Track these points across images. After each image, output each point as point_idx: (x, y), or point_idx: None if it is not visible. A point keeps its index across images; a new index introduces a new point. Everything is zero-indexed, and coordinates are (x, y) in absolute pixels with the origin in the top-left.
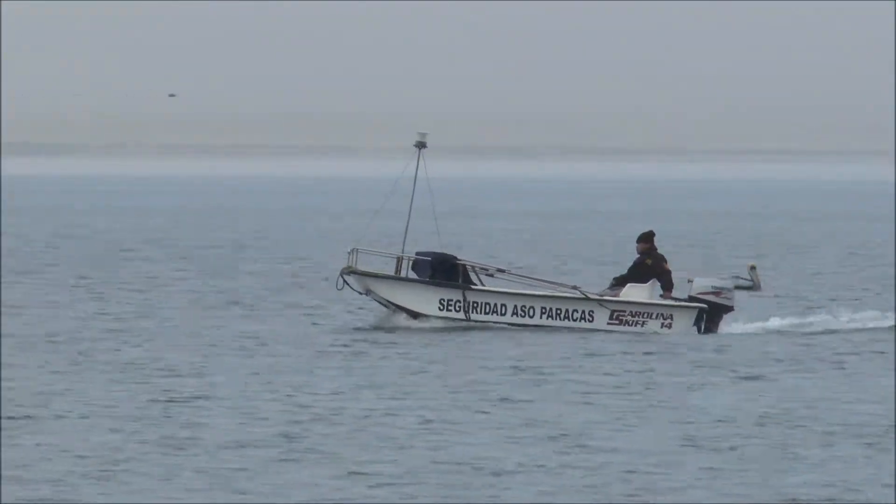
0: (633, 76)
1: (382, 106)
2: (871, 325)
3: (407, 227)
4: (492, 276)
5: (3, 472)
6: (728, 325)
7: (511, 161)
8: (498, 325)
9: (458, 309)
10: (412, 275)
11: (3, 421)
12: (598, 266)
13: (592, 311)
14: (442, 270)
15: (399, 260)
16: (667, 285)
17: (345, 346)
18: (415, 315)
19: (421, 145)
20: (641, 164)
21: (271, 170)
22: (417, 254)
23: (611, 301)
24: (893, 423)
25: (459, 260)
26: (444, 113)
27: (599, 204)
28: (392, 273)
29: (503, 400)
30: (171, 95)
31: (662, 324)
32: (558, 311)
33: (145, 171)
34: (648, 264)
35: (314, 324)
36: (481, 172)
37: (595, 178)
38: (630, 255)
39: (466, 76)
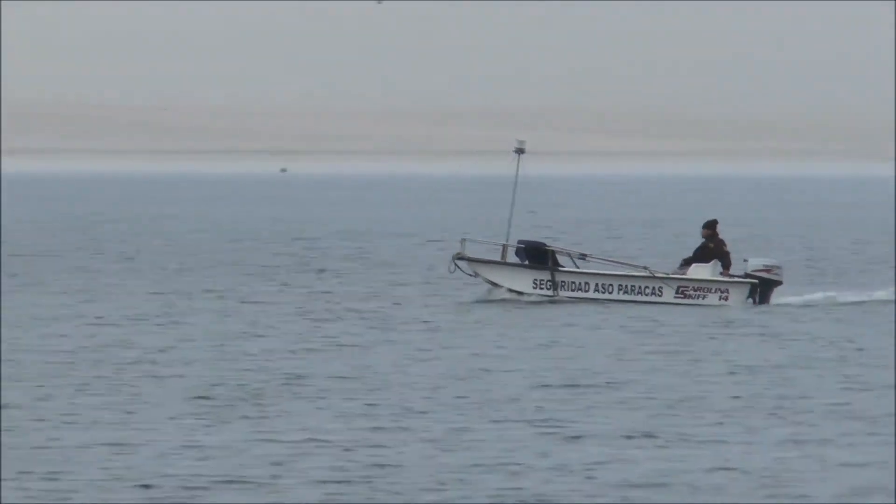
0: None
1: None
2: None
3: (510, 219)
4: (583, 258)
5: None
6: (778, 298)
7: None
8: (581, 300)
9: (547, 287)
10: (515, 259)
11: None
12: None
13: (661, 287)
14: (535, 256)
15: (504, 247)
16: (726, 264)
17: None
18: (513, 292)
19: (520, 151)
20: None
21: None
22: (518, 242)
23: (675, 278)
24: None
25: (549, 247)
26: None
27: None
28: (498, 258)
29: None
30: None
31: (720, 297)
32: (632, 288)
33: None
34: (711, 247)
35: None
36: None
37: None
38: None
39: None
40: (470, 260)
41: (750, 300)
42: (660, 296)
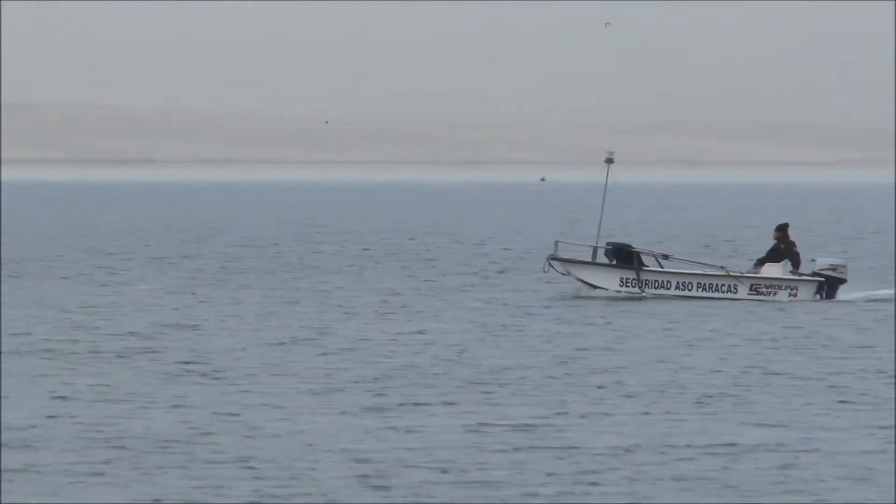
0: None
1: None
2: None
3: (600, 224)
4: (667, 258)
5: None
6: (843, 294)
7: None
8: (664, 297)
9: (633, 285)
10: (604, 260)
11: None
12: None
13: (736, 285)
14: (621, 256)
15: (594, 249)
16: (796, 264)
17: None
18: (602, 289)
19: (609, 161)
20: None
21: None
22: (607, 244)
23: (749, 277)
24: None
25: (634, 248)
26: None
27: None
28: (588, 259)
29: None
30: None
31: (790, 294)
32: (710, 285)
33: None
34: (782, 248)
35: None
36: None
37: None
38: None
39: None
40: (562, 260)
41: (817, 296)
42: (735, 293)
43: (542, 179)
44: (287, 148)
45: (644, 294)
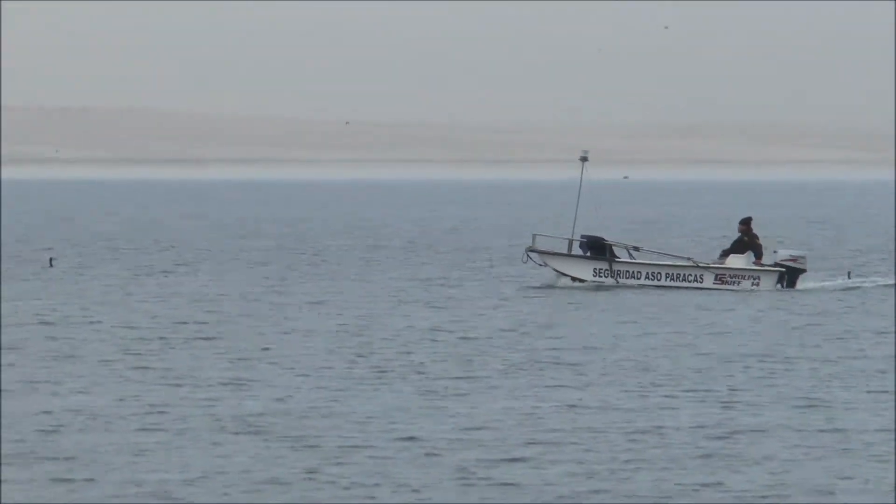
0: None
1: None
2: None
3: (575, 217)
4: (637, 250)
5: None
6: (803, 283)
7: None
8: (635, 286)
9: (606, 275)
10: (579, 252)
11: None
12: None
13: (702, 275)
14: (595, 248)
15: (570, 242)
16: (758, 255)
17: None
18: (576, 280)
19: (584, 159)
20: None
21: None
22: (581, 236)
23: (714, 267)
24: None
25: (607, 241)
26: None
27: None
28: (564, 251)
29: None
30: None
31: (752, 283)
32: (678, 275)
33: None
34: (745, 241)
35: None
36: None
37: None
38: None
39: None
40: (540, 252)
41: (779, 286)
42: (701, 282)
43: (625, 177)
44: (292, 149)
45: (617, 283)
